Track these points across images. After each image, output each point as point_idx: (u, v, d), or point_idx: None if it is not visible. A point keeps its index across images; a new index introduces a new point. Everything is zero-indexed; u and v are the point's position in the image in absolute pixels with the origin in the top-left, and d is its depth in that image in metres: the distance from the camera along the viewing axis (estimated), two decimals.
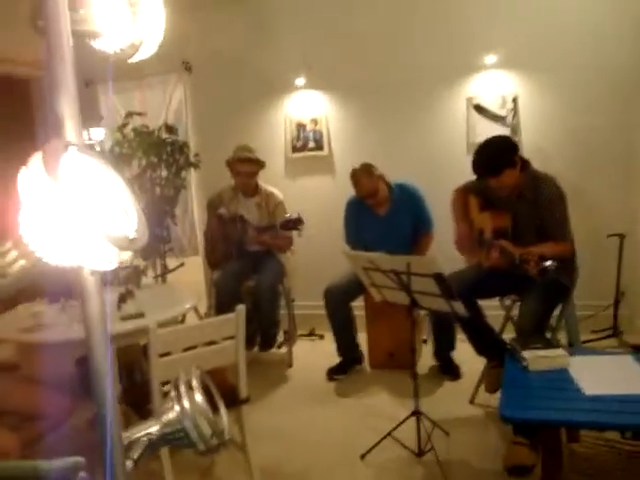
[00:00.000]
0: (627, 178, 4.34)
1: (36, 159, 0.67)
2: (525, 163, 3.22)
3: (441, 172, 4.60)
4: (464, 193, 3.62)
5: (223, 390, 2.83)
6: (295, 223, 3.89)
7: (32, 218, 0.69)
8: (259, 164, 4.39)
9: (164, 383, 2.49)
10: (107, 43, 0.84)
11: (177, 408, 0.81)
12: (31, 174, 0.67)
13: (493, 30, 4.49)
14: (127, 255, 0.77)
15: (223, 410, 0.91)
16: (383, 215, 4.15)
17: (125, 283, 3.31)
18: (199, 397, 0.82)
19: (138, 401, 2.71)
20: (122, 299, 2.95)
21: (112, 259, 0.74)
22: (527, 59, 4.46)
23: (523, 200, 3.17)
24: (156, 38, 0.87)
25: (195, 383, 0.83)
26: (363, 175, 4.01)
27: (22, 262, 0.76)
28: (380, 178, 4.06)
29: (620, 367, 2.12)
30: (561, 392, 1.98)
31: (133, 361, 3.54)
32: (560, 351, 2.20)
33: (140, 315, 2.87)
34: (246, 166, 4.32)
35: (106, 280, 0.84)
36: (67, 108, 0.77)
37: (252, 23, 5.05)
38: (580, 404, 1.86)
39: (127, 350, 3.30)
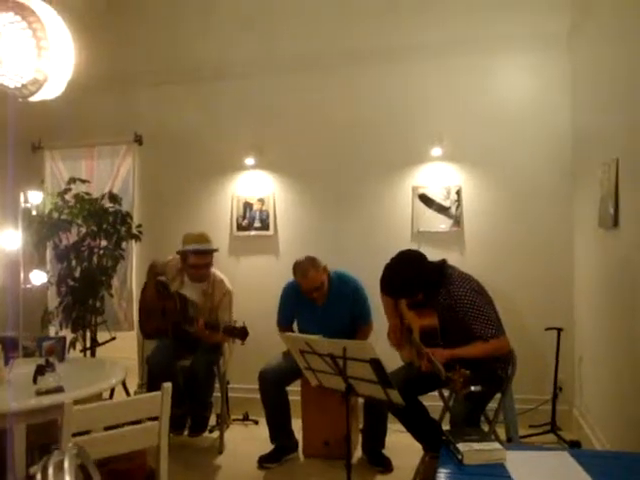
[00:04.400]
0: (566, 272, 4.44)
1: None
2: (440, 274, 3.19)
3: (384, 259, 4.58)
4: None
5: (142, 475, 2.63)
6: (239, 332, 3.71)
7: None
8: (214, 252, 4.27)
9: None
10: (7, 77, 0.77)
11: None
12: None
13: (439, 123, 4.66)
14: None
15: None
16: (320, 305, 4.05)
17: (47, 355, 3.12)
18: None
19: None
20: (40, 371, 2.75)
21: None
22: (470, 153, 4.64)
23: (440, 306, 3.15)
24: (63, 76, 0.81)
25: (67, 464, 0.70)
26: (310, 269, 3.94)
27: None
28: (324, 271, 4.01)
29: (557, 463, 2.05)
30: None
31: (50, 440, 3.28)
32: (496, 445, 2.12)
33: (58, 390, 2.68)
34: (205, 259, 4.16)
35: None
36: None
37: (205, 101, 5.12)
38: None
39: (43, 427, 3.05)
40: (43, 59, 0.76)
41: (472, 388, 2.52)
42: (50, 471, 0.69)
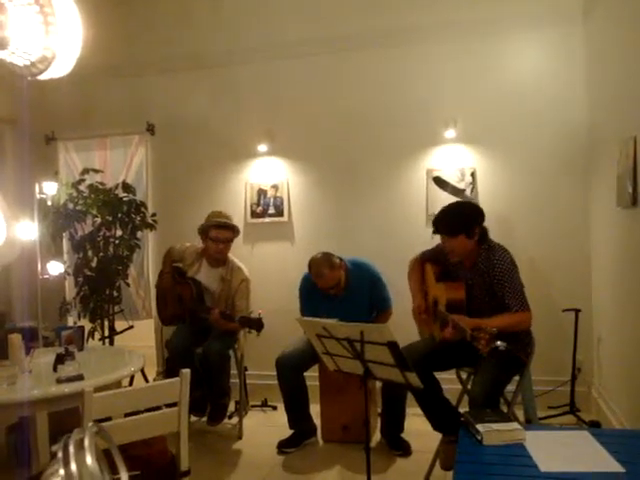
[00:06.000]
0: (583, 252, 4.40)
1: None
2: (484, 236, 3.23)
3: (400, 243, 4.60)
4: (421, 262, 3.62)
5: (162, 461, 2.65)
6: (255, 324, 3.71)
7: None
8: (236, 231, 4.30)
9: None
10: (16, 55, 0.76)
11: (62, 472, 0.67)
12: None
13: (453, 105, 4.62)
14: None
15: (125, 477, 0.77)
16: (339, 295, 4.03)
17: (67, 344, 3.15)
18: (90, 459, 0.69)
19: None
20: (60, 360, 2.77)
21: None
22: (484, 134, 4.59)
23: (477, 270, 3.18)
24: (72, 54, 0.79)
25: (88, 442, 0.70)
26: (325, 268, 3.91)
27: None
28: (340, 267, 3.98)
29: (577, 443, 2.04)
30: (516, 468, 1.88)
31: (72, 427, 3.32)
32: (515, 425, 2.12)
33: (78, 378, 2.70)
34: (225, 233, 4.19)
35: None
36: None
37: (217, 89, 5.11)
38: None
39: (65, 415, 3.09)
40: (51, 35, 0.74)
41: (498, 343, 2.51)
42: (71, 449, 0.69)
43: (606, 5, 3.86)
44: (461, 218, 3.20)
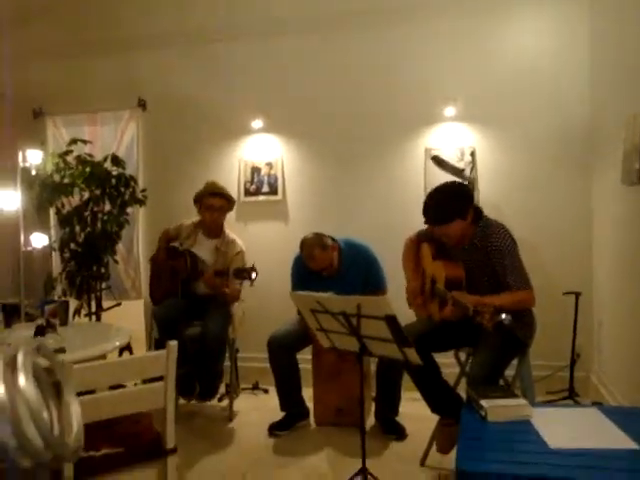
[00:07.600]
0: (584, 235, 4.30)
1: None
2: (478, 214, 3.09)
3: (397, 222, 4.47)
4: (416, 242, 3.48)
5: (148, 439, 2.53)
6: (248, 272, 3.70)
7: None
8: (231, 201, 4.26)
9: None
10: None
11: None
12: None
13: (452, 82, 4.50)
14: None
15: (75, 408, 0.61)
16: (332, 277, 3.90)
17: (50, 317, 3.01)
18: (23, 381, 0.52)
19: None
20: (40, 332, 2.63)
21: None
22: (485, 113, 4.47)
23: (474, 249, 3.03)
24: None
25: (21, 361, 0.53)
26: (316, 249, 3.79)
27: None
28: (333, 248, 3.86)
29: (587, 420, 1.92)
30: (523, 445, 1.76)
31: None
32: (521, 401, 2.00)
33: (59, 350, 2.57)
34: (219, 200, 4.17)
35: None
36: None
37: (210, 63, 4.97)
38: (546, 458, 1.64)
39: None
40: None
41: (503, 316, 2.38)
42: None
43: None
44: (452, 202, 2.99)
